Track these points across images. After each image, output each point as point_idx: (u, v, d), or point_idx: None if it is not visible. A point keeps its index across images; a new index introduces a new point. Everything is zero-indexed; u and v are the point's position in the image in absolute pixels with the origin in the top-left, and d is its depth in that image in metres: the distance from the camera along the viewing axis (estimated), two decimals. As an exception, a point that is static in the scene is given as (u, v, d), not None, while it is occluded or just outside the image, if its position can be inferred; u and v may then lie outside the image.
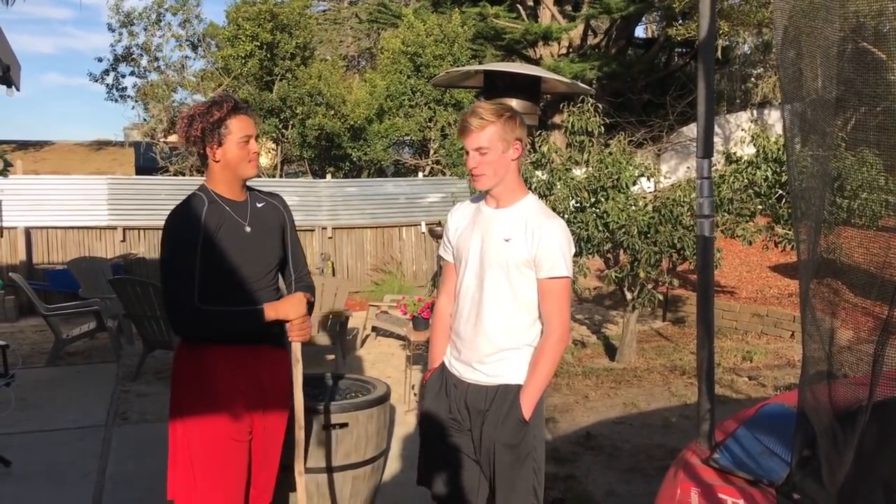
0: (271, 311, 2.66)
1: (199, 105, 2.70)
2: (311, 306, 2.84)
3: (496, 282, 2.60)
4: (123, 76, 18.66)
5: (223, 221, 2.66)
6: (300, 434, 2.76)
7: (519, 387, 2.60)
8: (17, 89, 5.38)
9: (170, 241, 2.63)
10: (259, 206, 2.80)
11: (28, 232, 11.88)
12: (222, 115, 2.61)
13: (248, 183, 2.82)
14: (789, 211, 7.06)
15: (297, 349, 2.75)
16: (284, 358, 2.79)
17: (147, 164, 18.16)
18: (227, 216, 2.67)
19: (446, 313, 2.81)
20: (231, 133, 2.63)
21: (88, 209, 12.24)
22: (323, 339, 7.46)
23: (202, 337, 2.64)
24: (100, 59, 18.66)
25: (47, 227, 12.03)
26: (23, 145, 20.67)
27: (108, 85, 18.71)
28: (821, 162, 2.07)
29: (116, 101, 18.90)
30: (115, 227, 12.26)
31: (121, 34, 17.85)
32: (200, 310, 2.58)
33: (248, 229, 2.71)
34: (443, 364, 2.79)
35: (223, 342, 2.67)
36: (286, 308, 2.70)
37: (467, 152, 2.59)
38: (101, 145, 22.03)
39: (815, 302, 2.04)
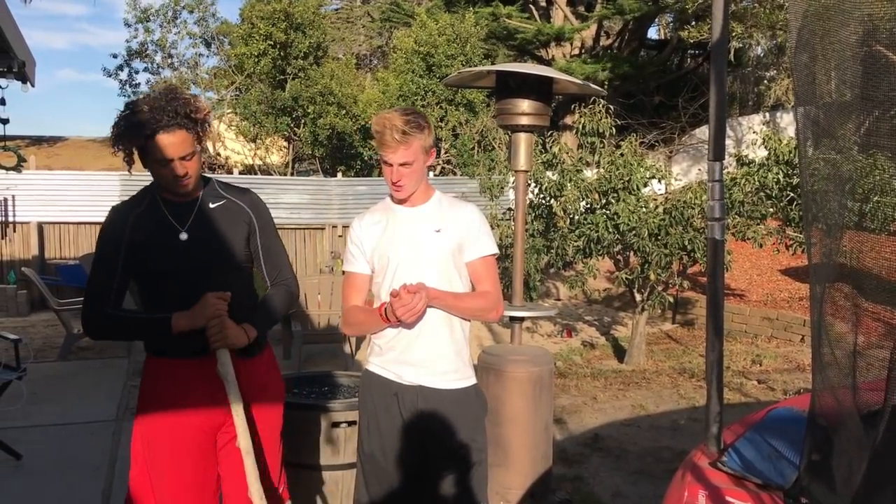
0: (181, 319, 2.35)
1: (122, 123, 2.34)
2: (268, 314, 2.54)
3: (441, 276, 2.61)
4: (137, 72, 18.77)
5: (156, 225, 2.43)
6: (246, 461, 2.40)
7: (471, 386, 2.67)
8: (32, 85, 5.42)
9: (98, 242, 2.48)
10: (213, 205, 2.50)
11: (41, 227, 11.96)
12: (133, 134, 2.30)
13: (220, 179, 2.59)
14: (800, 214, 7.04)
15: (224, 361, 2.38)
16: (254, 368, 2.52)
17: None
18: (162, 220, 2.44)
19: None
20: (147, 156, 2.35)
21: (101, 205, 12.26)
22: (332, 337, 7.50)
23: (110, 339, 2.47)
24: (114, 56, 18.81)
25: (60, 223, 12.10)
26: (36, 140, 20.82)
27: (121, 81, 18.81)
28: (833, 165, 2.06)
29: (130, 97, 18.98)
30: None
31: (137, 30, 17.95)
32: (102, 314, 2.39)
33: (183, 236, 2.42)
34: (374, 377, 2.70)
35: (163, 354, 2.45)
36: (192, 315, 2.35)
37: (388, 164, 2.57)
38: (113, 141, 22.10)
39: (826, 306, 2.04)
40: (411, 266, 2.61)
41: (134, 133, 2.30)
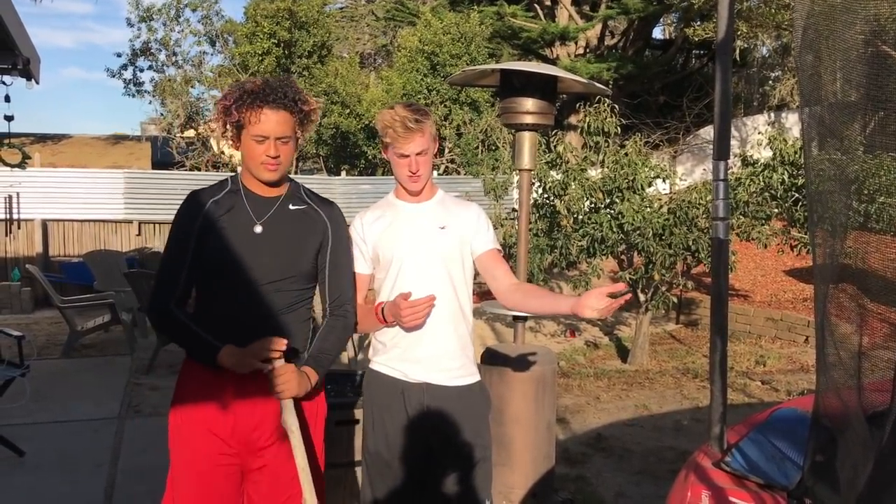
0: (229, 357, 2.26)
1: (236, 90, 2.35)
2: (317, 365, 2.39)
3: (451, 271, 2.62)
4: (141, 70, 18.77)
5: (232, 214, 2.38)
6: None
7: (476, 383, 2.69)
8: (37, 82, 5.42)
9: (172, 226, 2.41)
10: (293, 208, 2.45)
11: (45, 224, 11.97)
12: (241, 103, 2.29)
13: (304, 184, 2.55)
14: (805, 214, 7.02)
15: (289, 409, 2.27)
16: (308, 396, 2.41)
17: (163, 159, 18.26)
18: (240, 209, 2.39)
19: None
20: (245, 127, 2.31)
21: (105, 203, 12.32)
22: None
23: (168, 338, 2.36)
24: (119, 55, 18.77)
25: (64, 220, 12.12)
26: (41, 138, 20.85)
27: (125, 80, 18.82)
28: (838, 165, 2.05)
29: (134, 95, 18.99)
30: (130, 221, 12.34)
31: (140, 29, 17.95)
32: (165, 310, 2.35)
33: (258, 229, 2.36)
34: (379, 375, 2.69)
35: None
36: (242, 357, 2.26)
37: (405, 155, 2.55)
38: (118, 139, 22.20)
39: (830, 307, 2.03)
40: (415, 263, 2.60)
41: (245, 101, 2.27)
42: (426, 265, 2.60)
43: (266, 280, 2.36)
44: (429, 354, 2.60)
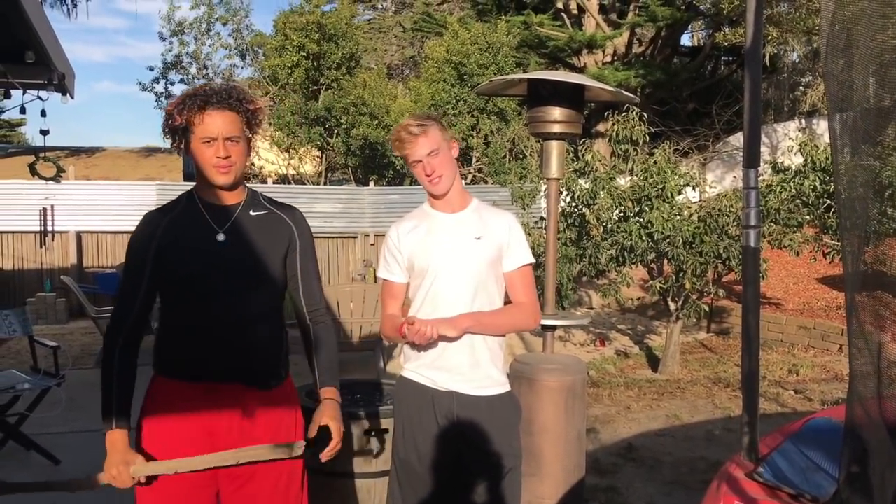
0: (109, 441, 2.33)
1: (178, 97, 2.30)
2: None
3: (484, 283, 2.63)
4: (173, 83, 19.07)
5: (192, 226, 2.30)
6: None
7: (506, 393, 2.68)
8: (72, 97, 5.52)
9: (126, 254, 2.37)
10: (254, 213, 2.36)
11: (79, 236, 12.18)
12: (183, 106, 2.22)
13: (264, 192, 2.48)
14: (838, 221, 6.93)
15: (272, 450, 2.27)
16: (271, 405, 2.34)
17: (195, 171, 18.44)
18: (198, 220, 2.30)
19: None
20: (192, 132, 2.23)
21: (138, 214, 12.14)
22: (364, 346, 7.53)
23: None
24: (151, 68, 19.09)
25: (97, 232, 12.33)
26: (75, 151, 21.22)
27: (157, 93, 19.11)
28: (871, 172, 2.03)
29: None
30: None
31: (171, 43, 18.23)
32: (110, 352, 2.36)
33: (220, 237, 2.29)
34: (410, 383, 2.70)
35: (178, 376, 2.32)
36: (109, 457, 2.36)
37: (417, 161, 2.59)
38: (150, 152, 22.51)
39: (863, 315, 2.00)
40: (449, 274, 2.62)
41: (186, 105, 2.21)
42: (460, 275, 2.62)
43: (236, 288, 2.28)
44: (457, 364, 2.60)
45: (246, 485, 2.30)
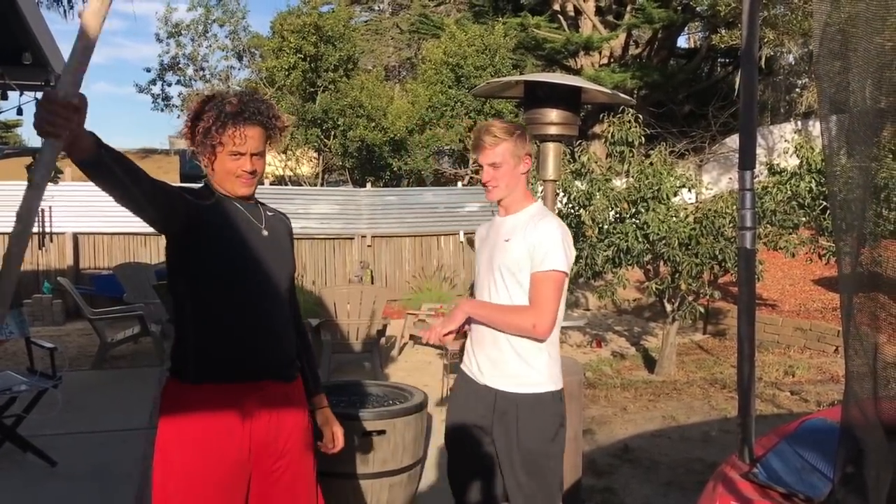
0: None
1: (211, 102, 2.25)
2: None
3: (499, 285, 2.71)
4: (169, 85, 19.05)
5: (235, 218, 2.28)
6: None
7: (542, 394, 2.71)
8: (69, 98, 5.51)
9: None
10: (269, 213, 2.41)
11: (76, 237, 12.17)
12: (220, 124, 2.20)
13: (261, 193, 2.47)
14: (832, 223, 6.95)
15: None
16: (293, 395, 2.37)
17: (192, 172, 18.48)
18: (240, 214, 2.29)
19: None
20: (221, 143, 2.21)
21: (134, 216, 12.44)
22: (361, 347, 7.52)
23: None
24: (147, 70, 19.08)
25: (94, 233, 12.31)
26: (72, 153, 21.16)
27: (154, 94, 19.10)
28: (866, 173, 2.04)
29: (162, 110, 19.30)
30: (159, 234, 12.47)
31: (168, 44, 18.22)
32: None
33: (265, 233, 2.32)
34: (462, 374, 2.88)
35: (211, 378, 2.23)
36: None
37: (481, 166, 2.73)
38: (147, 153, 22.50)
39: (859, 316, 2.01)
40: (482, 273, 2.81)
41: (226, 121, 2.19)
42: (488, 274, 2.76)
43: (281, 286, 2.34)
44: (490, 359, 2.73)
45: (274, 484, 2.30)
